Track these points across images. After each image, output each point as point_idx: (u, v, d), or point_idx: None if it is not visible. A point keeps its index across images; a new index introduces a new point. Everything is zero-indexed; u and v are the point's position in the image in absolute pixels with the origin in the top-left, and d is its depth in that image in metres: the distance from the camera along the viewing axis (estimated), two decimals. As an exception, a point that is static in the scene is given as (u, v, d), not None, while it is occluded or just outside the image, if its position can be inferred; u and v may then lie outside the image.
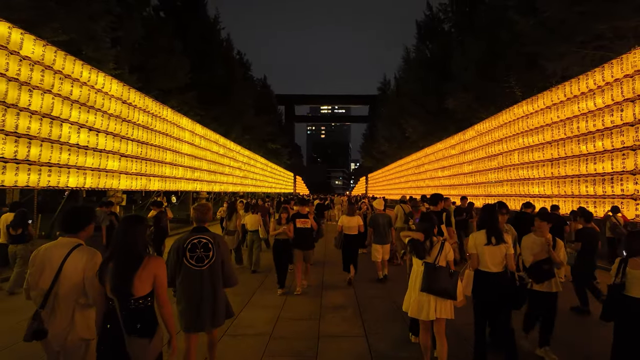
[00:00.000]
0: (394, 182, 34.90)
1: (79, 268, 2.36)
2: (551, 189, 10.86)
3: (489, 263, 3.70)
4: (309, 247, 6.47)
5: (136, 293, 2.20)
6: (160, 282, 2.31)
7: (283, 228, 6.29)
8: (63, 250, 2.40)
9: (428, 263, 3.58)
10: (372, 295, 6.25)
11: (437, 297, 3.50)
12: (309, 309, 5.47)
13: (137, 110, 11.95)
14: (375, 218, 7.24)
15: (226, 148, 22.11)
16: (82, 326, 2.38)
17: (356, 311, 5.40)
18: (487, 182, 15.26)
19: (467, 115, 18.71)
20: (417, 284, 3.64)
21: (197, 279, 3.07)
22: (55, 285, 2.32)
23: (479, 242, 3.77)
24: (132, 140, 11.65)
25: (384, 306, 5.67)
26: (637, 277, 3.13)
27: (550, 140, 11.01)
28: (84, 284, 2.37)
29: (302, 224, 6.32)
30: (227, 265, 3.25)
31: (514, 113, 13.13)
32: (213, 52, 23.71)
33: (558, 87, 10.70)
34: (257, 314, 5.25)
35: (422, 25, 29.44)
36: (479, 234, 3.83)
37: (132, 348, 2.17)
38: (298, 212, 6.53)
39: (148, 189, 12.79)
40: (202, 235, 3.18)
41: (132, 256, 2.26)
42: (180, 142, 15.36)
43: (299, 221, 6.33)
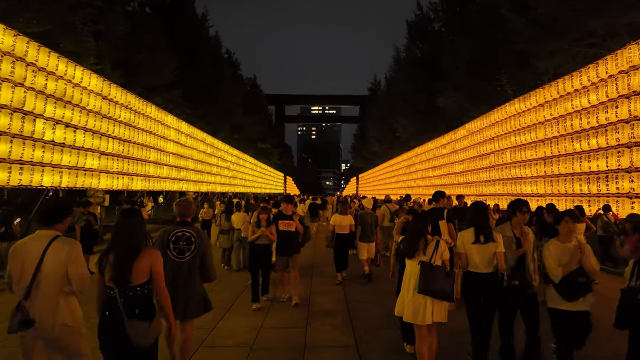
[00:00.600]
0: (384, 183, 34.74)
1: (61, 258, 2.43)
2: (544, 188, 10.70)
3: (478, 263, 3.52)
4: (294, 252, 5.66)
5: (134, 281, 2.34)
6: (156, 271, 2.45)
7: (262, 231, 5.41)
8: (42, 242, 2.47)
9: (424, 262, 3.39)
10: (363, 300, 5.92)
11: (433, 300, 3.32)
12: (295, 315, 5.09)
13: (119, 106, 11.46)
14: (364, 217, 7.27)
15: (214, 147, 21.63)
16: (66, 313, 2.46)
17: (346, 317, 5.06)
18: (478, 181, 15.10)
19: (458, 115, 18.55)
20: (412, 286, 3.42)
21: (177, 270, 3.25)
22: (38, 276, 2.39)
23: (467, 241, 3.59)
24: (114, 137, 11.15)
25: (375, 311, 5.35)
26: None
27: (543, 139, 10.84)
28: (67, 272, 2.44)
29: (286, 226, 5.57)
30: (207, 259, 3.40)
31: (506, 111, 12.98)
32: (200, 49, 23.16)
33: (551, 85, 10.54)
34: (239, 321, 4.85)
35: (412, 25, 29.37)
36: (466, 232, 3.64)
37: (133, 331, 2.27)
38: (280, 213, 5.73)
39: (130, 188, 12.29)
40: (186, 229, 3.38)
41: (130, 247, 2.39)
42: (165, 141, 14.87)
43: (282, 223, 5.56)
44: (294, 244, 5.67)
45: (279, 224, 5.53)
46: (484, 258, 3.50)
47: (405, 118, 25.62)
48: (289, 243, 5.59)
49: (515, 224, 3.67)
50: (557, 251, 3.26)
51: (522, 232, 3.66)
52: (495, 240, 3.56)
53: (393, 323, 4.74)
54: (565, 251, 3.23)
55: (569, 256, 3.19)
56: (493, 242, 3.55)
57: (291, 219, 5.61)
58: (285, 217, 5.64)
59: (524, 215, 3.64)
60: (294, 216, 5.64)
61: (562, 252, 3.24)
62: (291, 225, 5.57)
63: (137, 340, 2.27)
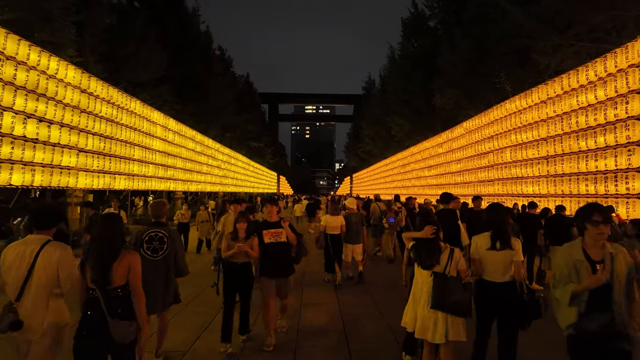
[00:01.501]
0: (379, 182, 34.29)
1: (53, 261, 2.51)
2: (547, 188, 10.25)
3: (492, 271, 3.17)
4: (286, 273, 4.25)
5: (114, 283, 2.41)
6: (134, 273, 2.51)
7: (239, 246, 3.96)
8: (34, 246, 2.54)
9: (437, 273, 3.03)
10: (360, 313, 5.30)
11: (446, 315, 2.97)
12: (282, 335, 4.41)
13: (100, 101, 10.79)
14: (348, 217, 7.03)
15: (203, 145, 20.95)
16: (56, 312, 2.55)
17: (341, 337, 4.44)
18: (476, 181, 14.66)
19: (454, 113, 18.12)
20: (423, 299, 3.06)
21: (152, 267, 3.41)
22: (30, 279, 2.46)
23: (481, 246, 3.24)
24: (94, 134, 10.49)
25: (374, 327, 4.76)
26: None
27: (545, 137, 10.40)
28: (58, 276, 2.53)
29: (273, 237, 4.13)
30: (179, 257, 3.66)
31: (506, 109, 12.53)
32: (190, 45, 22.48)
33: (554, 80, 10.10)
34: (217, 344, 3.95)
35: (407, 23, 29.00)
36: (481, 237, 3.28)
37: (115, 330, 2.34)
38: (266, 221, 4.30)
39: (113, 188, 11.63)
40: (159, 229, 3.60)
41: (109, 250, 2.46)
42: (151, 138, 14.21)
43: (267, 234, 4.15)
44: (286, 261, 4.24)
45: (263, 235, 4.16)
46: (499, 266, 3.17)
47: (401, 117, 25.16)
48: (280, 260, 4.15)
49: (590, 241, 2.44)
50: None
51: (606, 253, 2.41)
52: (513, 248, 3.19)
53: (394, 341, 4.21)
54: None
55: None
56: (510, 250, 3.18)
57: (279, 226, 4.20)
58: (271, 225, 4.24)
59: (598, 229, 2.39)
60: (283, 222, 4.20)
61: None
62: (280, 234, 4.16)
63: (118, 338, 2.36)
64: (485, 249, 3.21)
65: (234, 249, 3.98)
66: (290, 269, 4.32)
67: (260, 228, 4.21)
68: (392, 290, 6.13)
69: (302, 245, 4.37)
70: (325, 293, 6.34)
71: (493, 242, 3.19)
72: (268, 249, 4.12)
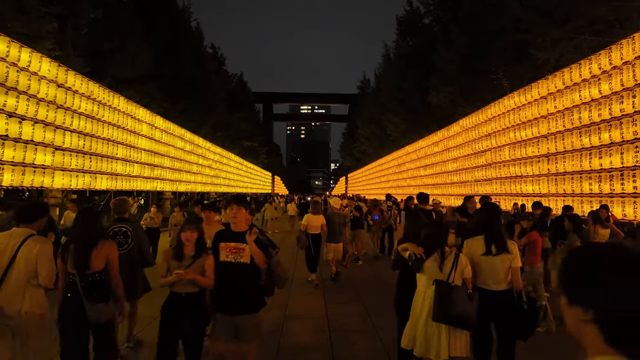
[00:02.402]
0: (374, 182, 33.90)
1: (32, 254, 2.71)
2: (547, 187, 9.84)
3: (487, 278, 2.90)
4: (246, 308, 2.89)
5: (92, 268, 2.72)
6: (111, 260, 2.84)
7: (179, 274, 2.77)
8: (17, 239, 2.73)
9: (440, 281, 2.71)
10: (350, 329, 4.70)
11: (449, 328, 2.70)
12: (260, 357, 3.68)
13: (79, 96, 10.21)
14: (331, 217, 7.02)
15: (193, 144, 20.37)
16: (33, 302, 2.71)
17: (327, 357, 3.91)
18: (474, 180, 14.24)
19: (450, 111, 17.73)
20: (425, 312, 2.78)
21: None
22: (10, 269, 2.66)
23: (475, 251, 2.93)
24: (72, 131, 9.91)
25: (365, 345, 4.23)
26: None
27: (546, 134, 9.99)
28: (37, 267, 2.72)
29: (232, 253, 2.89)
30: (144, 249, 3.88)
31: (504, 105, 12.12)
32: (180, 41, 21.89)
33: (555, 75, 9.68)
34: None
35: (402, 21, 28.69)
36: (475, 241, 2.97)
37: (91, 311, 2.64)
38: (226, 231, 3.04)
39: (94, 188, 11.05)
40: (122, 224, 3.81)
41: (88, 239, 2.76)
42: (136, 136, 13.63)
43: (225, 248, 2.91)
44: (250, 292, 2.90)
45: (219, 250, 2.91)
46: (495, 273, 2.88)
47: (396, 116, 24.75)
48: (239, 289, 2.85)
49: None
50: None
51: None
52: (510, 252, 2.88)
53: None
54: None
55: None
56: (507, 254, 2.87)
57: (242, 240, 2.84)
58: (232, 235, 2.92)
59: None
60: (249, 235, 2.80)
61: None
62: (242, 251, 2.85)
63: (94, 319, 2.62)
64: (480, 254, 2.90)
65: (172, 277, 2.75)
66: (255, 302, 2.91)
67: (217, 239, 2.97)
68: (384, 297, 5.63)
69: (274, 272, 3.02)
70: (313, 302, 5.83)
71: (488, 246, 2.88)
72: (222, 271, 2.84)
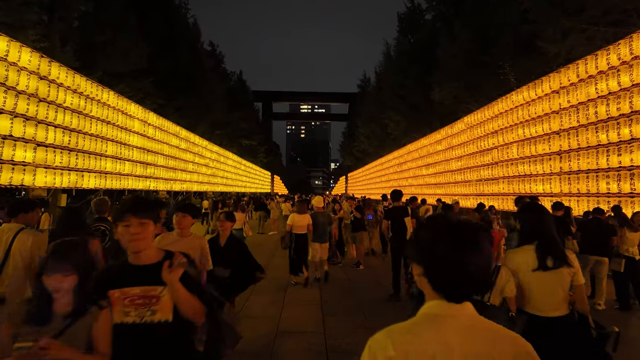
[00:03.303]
0: (374, 182, 33.34)
1: (27, 246, 2.91)
2: (560, 186, 9.29)
3: (541, 302, 2.21)
4: None
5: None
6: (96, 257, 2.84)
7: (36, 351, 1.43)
8: (9, 233, 2.92)
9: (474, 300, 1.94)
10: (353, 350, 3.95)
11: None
12: None
13: (64, 89, 9.64)
14: (315, 216, 6.95)
15: (189, 142, 19.80)
16: None
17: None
18: (479, 179, 13.68)
19: (453, 108, 17.16)
20: None
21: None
22: (7, 261, 2.84)
23: (521, 266, 2.23)
24: (56, 126, 9.35)
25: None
26: None
27: (558, 130, 9.44)
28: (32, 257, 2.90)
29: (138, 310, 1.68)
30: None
31: (512, 101, 11.56)
32: (176, 37, 21.33)
33: (569, 68, 9.13)
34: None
35: (403, 18, 28.22)
36: (521, 253, 2.29)
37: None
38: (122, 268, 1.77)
39: (81, 187, 10.49)
40: (101, 223, 4.00)
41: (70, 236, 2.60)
42: (128, 133, 13.06)
43: (122, 300, 1.68)
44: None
45: (112, 302, 1.68)
46: (551, 294, 2.19)
47: (397, 113, 24.18)
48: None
49: None
50: None
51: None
52: (571, 264, 2.20)
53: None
54: None
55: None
56: (568, 267, 2.19)
57: (155, 281, 1.67)
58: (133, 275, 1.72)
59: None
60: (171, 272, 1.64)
61: None
62: (154, 303, 1.69)
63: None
64: (530, 269, 2.21)
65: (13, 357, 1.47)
66: None
67: (104, 283, 1.70)
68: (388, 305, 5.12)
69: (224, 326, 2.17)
70: (308, 314, 5.27)
71: (541, 259, 2.19)
72: (121, 342, 1.64)
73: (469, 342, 0.98)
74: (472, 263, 1.00)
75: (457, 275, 1.00)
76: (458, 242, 1.00)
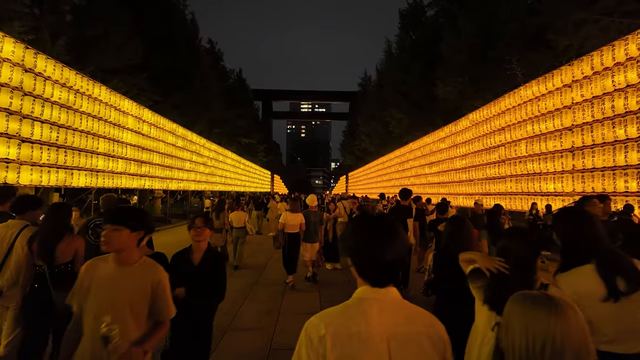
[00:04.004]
0: (375, 181, 32.87)
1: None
2: (572, 185, 8.83)
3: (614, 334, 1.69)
4: None
5: (58, 260, 2.87)
6: (78, 254, 3.00)
7: None
8: (14, 229, 3.03)
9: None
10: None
11: None
12: None
13: (51, 83, 9.19)
14: (307, 215, 6.68)
15: (186, 140, 19.34)
16: None
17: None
18: (485, 178, 13.21)
19: (457, 104, 16.70)
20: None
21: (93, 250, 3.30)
22: (9, 256, 2.96)
23: (585, 292, 1.69)
24: (43, 121, 8.90)
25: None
26: None
27: (570, 126, 8.97)
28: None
29: None
30: None
31: (521, 96, 11.08)
32: (173, 33, 20.85)
33: (582, 60, 8.65)
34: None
35: (405, 14, 27.79)
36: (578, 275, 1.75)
37: (57, 299, 2.72)
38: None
39: (70, 185, 10.04)
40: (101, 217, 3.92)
41: (54, 232, 2.91)
42: (121, 129, 12.61)
43: None
44: None
45: None
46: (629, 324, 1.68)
47: (399, 110, 23.71)
48: None
49: None
50: None
51: None
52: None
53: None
54: None
55: None
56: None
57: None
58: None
59: None
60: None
61: None
62: None
63: (61, 307, 2.45)
64: (598, 299, 1.69)
65: None
66: None
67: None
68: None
69: None
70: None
71: (610, 284, 1.68)
72: None
73: (389, 321, 1.10)
74: (388, 252, 1.12)
75: (376, 264, 1.13)
76: (374, 234, 1.14)
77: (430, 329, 1.11)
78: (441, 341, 1.11)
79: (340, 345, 1.06)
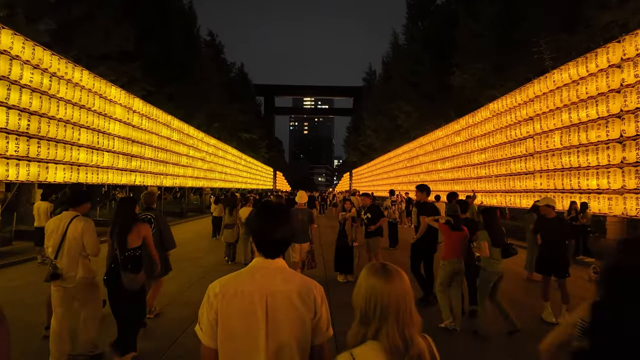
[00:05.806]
0: (381, 178, 31.63)
1: (78, 230, 3.40)
2: (622, 180, 7.58)
3: None
4: None
5: (129, 245, 3.36)
6: (148, 239, 3.61)
7: None
8: (65, 220, 3.43)
9: None
10: None
11: None
12: None
13: (19, 63, 8.02)
14: (295, 213, 6.19)
15: (182, 133, 18.15)
16: (85, 269, 3.45)
17: None
18: (508, 174, 11.97)
19: (474, 94, 15.43)
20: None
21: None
22: (63, 244, 3.37)
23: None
24: (9, 107, 7.74)
25: None
26: None
27: (619, 112, 7.72)
28: (83, 241, 3.42)
29: None
30: (165, 233, 4.73)
31: (554, 81, 9.82)
32: (170, 21, 19.63)
33: (636, 34, 7.39)
34: None
35: (412, 4, 26.60)
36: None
37: (126, 279, 3.29)
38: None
39: (45, 180, 8.88)
40: (148, 212, 4.70)
41: (124, 225, 3.40)
42: (107, 119, 11.44)
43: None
44: None
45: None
46: None
47: (408, 103, 22.43)
48: None
49: None
50: None
51: None
52: None
53: None
54: None
55: None
56: None
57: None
58: None
59: None
60: None
61: None
62: None
63: (128, 286, 3.28)
64: None
65: None
66: None
67: None
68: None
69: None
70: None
71: None
72: None
73: (269, 282, 1.36)
74: (277, 232, 1.41)
75: (269, 241, 1.42)
76: (269, 219, 1.44)
77: (302, 288, 1.37)
78: (310, 297, 1.36)
79: (228, 299, 1.34)
